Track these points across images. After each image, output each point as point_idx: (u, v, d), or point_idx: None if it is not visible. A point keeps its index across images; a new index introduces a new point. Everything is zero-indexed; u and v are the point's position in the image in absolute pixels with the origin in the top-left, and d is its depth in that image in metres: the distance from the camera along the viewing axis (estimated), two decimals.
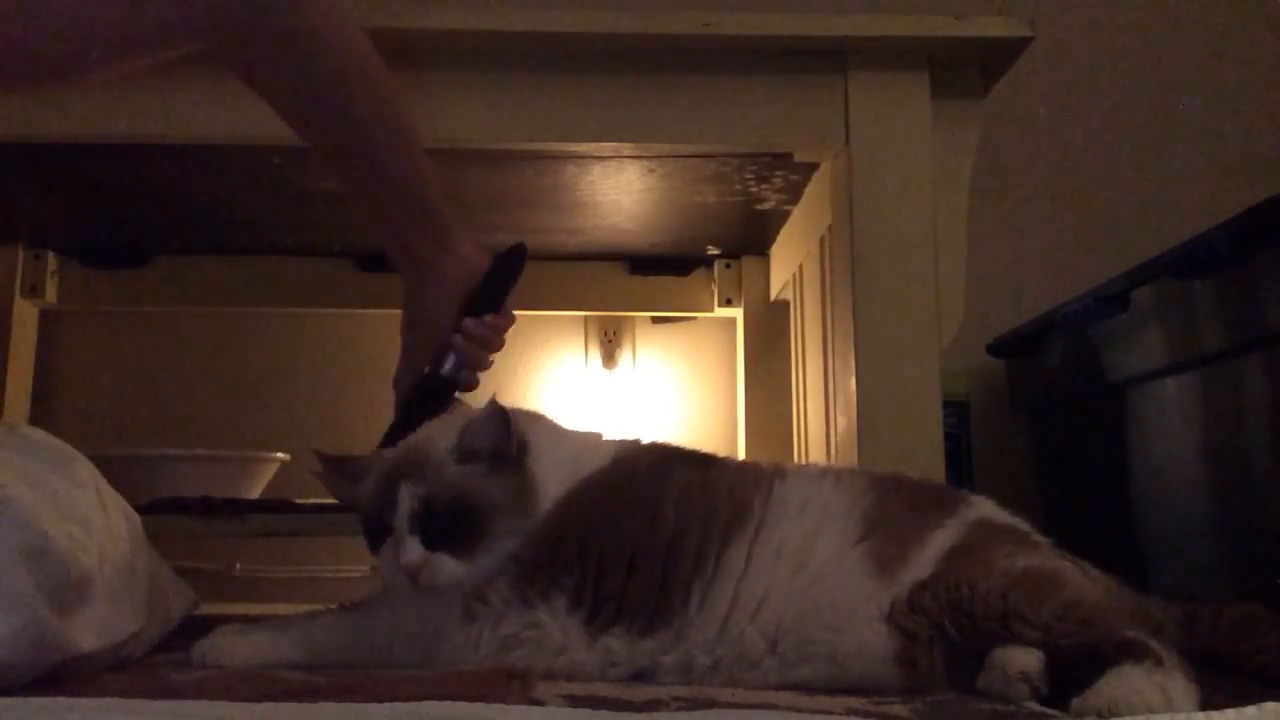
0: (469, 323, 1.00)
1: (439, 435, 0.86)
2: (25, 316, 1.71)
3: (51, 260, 1.70)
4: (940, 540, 0.80)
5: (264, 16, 0.85)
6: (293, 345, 1.84)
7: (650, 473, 0.87)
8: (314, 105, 0.95)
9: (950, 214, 1.18)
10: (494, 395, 0.84)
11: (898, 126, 1.17)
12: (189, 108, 1.14)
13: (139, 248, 1.71)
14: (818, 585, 0.78)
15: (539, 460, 0.86)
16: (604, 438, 0.94)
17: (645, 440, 0.94)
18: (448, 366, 1.01)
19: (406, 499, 0.82)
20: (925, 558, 0.78)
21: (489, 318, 1.01)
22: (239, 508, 1.33)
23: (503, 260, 1.03)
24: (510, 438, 0.84)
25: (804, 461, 1.45)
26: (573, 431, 0.94)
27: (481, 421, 0.84)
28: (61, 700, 0.61)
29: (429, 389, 1.00)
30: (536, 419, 0.93)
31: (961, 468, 1.56)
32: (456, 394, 1.03)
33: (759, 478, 0.86)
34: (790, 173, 1.35)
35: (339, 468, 0.91)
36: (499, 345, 1.04)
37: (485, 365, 1.03)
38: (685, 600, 0.79)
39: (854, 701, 0.71)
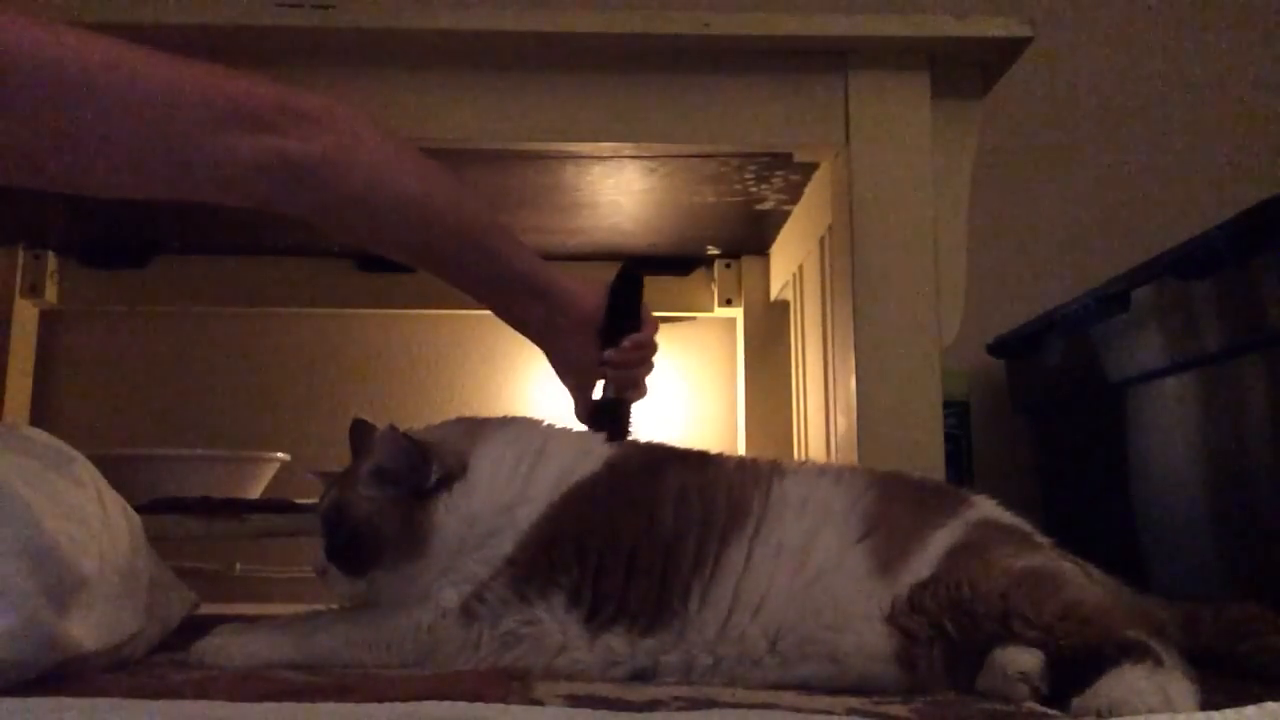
0: (610, 354, 1.03)
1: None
2: (25, 316, 1.71)
3: (51, 260, 1.70)
4: (941, 540, 0.79)
5: (302, 192, 0.92)
6: (293, 345, 1.83)
7: (646, 473, 0.87)
8: (385, 242, 1.03)
9: (950, 214, 1.18)
10: (390, 424, 0.83)
11: (898, 126, 1.17)
12: None
13: (139, 248, 1.71)
14: (818, 584, 0.78)
15: (476, 483, 0.84)
16: (599, 439, 0.93)
17: (640, 441, 0.94)
18: (608, 393, 1.05)
19: (323, 504, 0.84)
20: (926, 557, 0.78)
21: (627, 341, 1.04)
22: (239, 508, 1.33)
23: (617, 287, 1.05)
24: (425, 467, 0.82)
25: (804, 460, 1.45)
26: (563, 431, 0.93)
27: (384, 446, 0.83)
28: (61, 700, 0.61)
29: (602, 415, 1.04)
30: (505, 427, 0.91)
31: (961, 468, 1.56)
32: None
33: (758, 476, 0.86)
34: (790, 173, 1.35)
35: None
36: (648, 358, 1.07)
37: (640, 383, 1.07)
38: (685, 599, 0.79)
39: (854, 701, 0.71)
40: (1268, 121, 1.87)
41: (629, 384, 1.05)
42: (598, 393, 1.07)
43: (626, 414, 1.05)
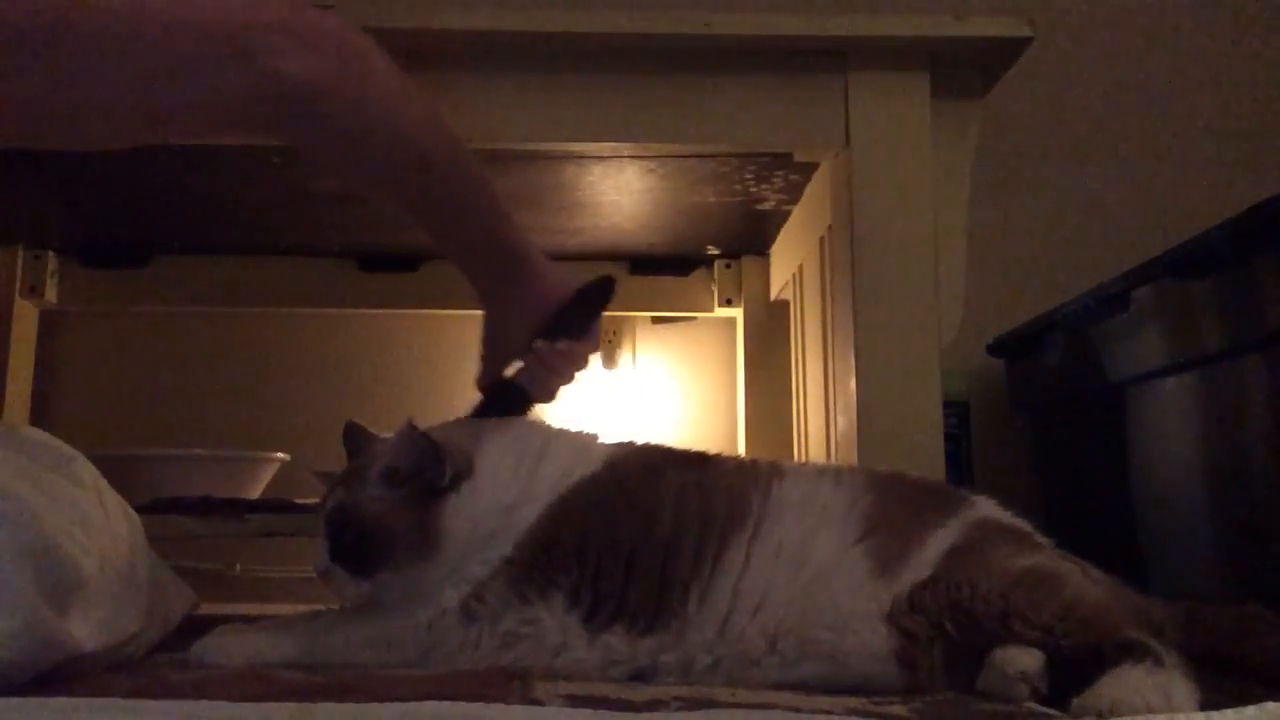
0: (538, 344, 0.98)
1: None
2: (25, 316, 1.71)
3: (51, 260, 1.70)
4: (941, 540, 0.80)
5: (301, 120, 0.85)
6: (293, 345, 1.84)
7: (645, 473, 0.87)
8: (377, 181, 0.96)
9: (950, 214, 1.18)
10: (409, 419, 0.83)
11: (898, 126, 1.17)
12: None
13: (139, 248, 1.71)
14: (817, 584, 0.78)
15: (481, 484, 0.84)
16: (598, 440, 0.93)
17: (640, 441, 0.94)
18: (518, 379, 1.00)
19: (328, 504, 0.83)
20: (926, 557, 0.78)
21: (561, 343, 0.99)
22: (239, 508, 1.33)
23: (585, 291, 1.01)
24: (440, 466, 0.82)
25: (804, 461, 1.45)
26: (563, 433, 0.93)
27: (401, 444, 0.83)
28: (61, 700, 0.61)
29: (498, 392, 1.00)
30: (506, 427, 0.91)
31: (961, 468, 1.55)
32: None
33: (757, 476, 0.86)
34: (790, 173, 1.35)
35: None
36: (572, 371, 1.02)
37: (551, 388, 1.02)
38: (684, 600, 0.79)
39: (854, 701, 0.71)
40: (1268, 121, 1.87)
41: (540, 381, 1.00)
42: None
43: (524, 408, 1.00)
